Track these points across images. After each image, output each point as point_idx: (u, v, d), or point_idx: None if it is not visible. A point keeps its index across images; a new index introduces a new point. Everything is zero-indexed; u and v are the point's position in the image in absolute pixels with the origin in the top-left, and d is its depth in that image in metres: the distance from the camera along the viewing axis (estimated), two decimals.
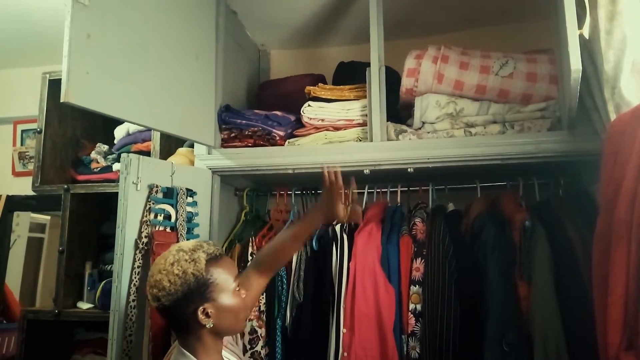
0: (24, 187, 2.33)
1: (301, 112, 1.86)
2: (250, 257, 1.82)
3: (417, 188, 1.92)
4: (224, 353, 1.23)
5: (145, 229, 1.50)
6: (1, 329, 2.55)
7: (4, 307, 2.64)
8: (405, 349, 1.61)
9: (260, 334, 1.74)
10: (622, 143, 1.11)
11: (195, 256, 1.10)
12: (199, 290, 1.08)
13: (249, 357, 1.66)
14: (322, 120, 1.84)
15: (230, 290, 1.13)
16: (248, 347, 1.71)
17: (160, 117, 1.54)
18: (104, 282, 2.00)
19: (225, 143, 1.88)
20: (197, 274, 1.08)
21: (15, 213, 2.80)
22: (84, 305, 2.03)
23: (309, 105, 1.85)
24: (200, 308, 1.08)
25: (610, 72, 1.28)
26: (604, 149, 1.22)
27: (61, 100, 1.21)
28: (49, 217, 3.00)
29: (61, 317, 1.97)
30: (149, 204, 1.53)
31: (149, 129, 2.06)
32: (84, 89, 1.25)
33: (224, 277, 1.13)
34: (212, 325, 1.10)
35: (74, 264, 2.08)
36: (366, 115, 1.77)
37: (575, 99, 1.36)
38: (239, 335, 1.44)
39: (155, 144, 2.02)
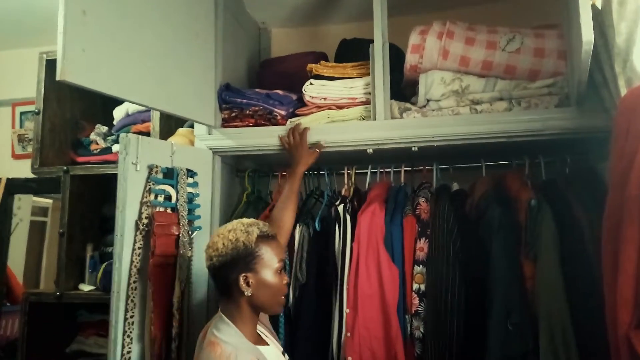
0: (24, 169, 2.31)
1: (303, 90, 1.82)
2: None
3: (421, 168, 1.89)
4: (259, 328, 1.32)
5: (146, 210, 1.48)
6: (5, 312, 2.56)
7: (7, 289, 2.65)
8: (409, 328, 1.60)
9: None
10: (634, 117, 1.07)
11: (250, 229, 1.24)
12: (245, 259, 1.22)
13: None
14: (325, 98, 1.80)
15: (273, 268, 1.25)
16: None
17: (159, 96, 1.51)
18: (105, 264, 1.99)
19: (226, 123, 1.85)
20: (247, 244, 1.22)
21: (17, 197, 2.79)
22: (85, 288, 2.02)
23: (310, 84, 1.81)
24: (243, 275, 1.21)
25: (622, 45, 1.24)
26: (615, 124, 1.19)
27: (57, 79, 1.19)
28: (51, 201, 3.00)
29: (63, 299, 1.97)
30: (149, 185, 1.51)
31: (148, 109, 2.03)
32: (80, 67, 1.22)
33: (269, 255, 1.25)
34: (250, 295, 1.22)
35: (75, 247, 2.07)
36: (369, 93, 1.73)
37: (586, 73, 1.32)
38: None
39: (154, 124, 1.99)
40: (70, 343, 2.19)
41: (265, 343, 1.29)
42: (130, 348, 1.42)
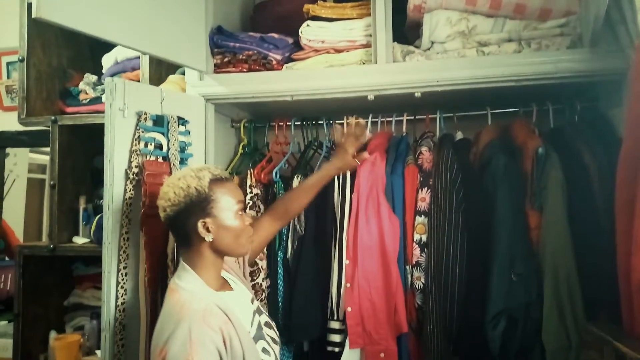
0: (14, 122, 2.23)
1: (299, 32, 1.71)
2: (248, 189, 1.75)
3: (424, 117, 1.81)
4: (225, 274, 1.29)
5: (135, 158, 1.42)
6: (3, 266, 2.55)
7: (6, 244, 2.63)
8: (409, 279, 1.57)
9: (262, 266, 1.69)
10: None
11: (200, 174, 1.18)
12: (200, 205, 1.16)
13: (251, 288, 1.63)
14: (323, 41, 1.70)
15: (231, 211, 1.19)
16: (249, 279, 1.68)
17: (145, 38, 1.41)
18: (98, 216, 1.94)
19: (218, 69, 1.76)
20: (199, 189, 1.16)
21: (12, 153, 2.73)
22: (79, 240, 1.98)
23: (307, 26, 1.70)
24: (201, 221, 1.16)
25: None
26: (635, 64, 1.11)
27: (33, 16, 1.11)
28: (48, 157, 2.95)
29: (57, 252, 1.93)
30: (138, 132, 1.44)
31: (137, 56, 1.93)
32: (57, 3, 1.13)
33: (225, 198, 1.19)
34: (211, 240, 1.17)
35: (67, 199, 2.02)
36: (370, 35, 1.63)
37: (604, 6, 1.23)
38: (246, 268, 1.45)
39: (144, 71, 1.89)
40: (68, 296, 2.18)
41: (229, 288, 1.26)
42: (124, 299, 1.39)
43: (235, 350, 1.07)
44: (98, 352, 1.96)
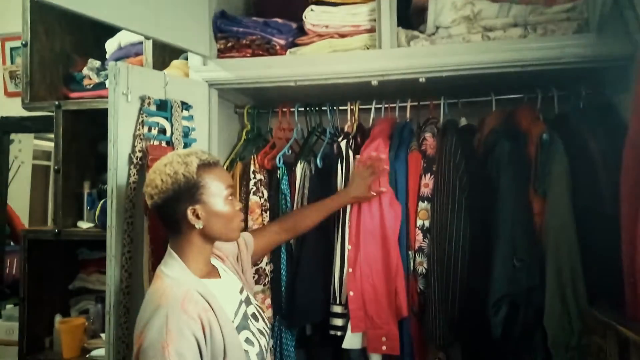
0: (18, 107, 2.23)
1: (303, 17, 1.70)
2: (252, 175, 1.75)
3: (428, 103, 1.80)
4: (214, 261, 1.26)
5: (139, 143, 1.42)
6: (9, 251, 2.57)
7: (11, 229, 2.65)
8: (412, 264, 1.58)
9: None
10: None
11: (187, 160, 1.13)
12: (189, 191, 1.12)
13: (253, 273, 1.63)
14: (327, 26, 1.69)
15: (221, 196, 1.16)
16: (251, 272, 1.68)
17: (149, 22, 1.41)
18: (102, 200, 1.95)
19: (222, 54, 1.75)
20: (187, 175, 1.11)
21: (17, 139, 2.74)
22: (84, 225, 2.00)
23: (311, 10, 1.70)
24: (191, 208, 1.12)
25: None
26: None
27: None
28: (52, 144, 2.96)
29: (61, 236, 1.95)
30: (142, 117, 1.44)
31: (138, 34, 1.89)
32: None
33: (214, 183, 1.15)
34: (201, 227, 1.14)
35: (72, 184, 2.03)
36: (375, 20, 1.62)
37: None
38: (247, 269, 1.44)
39: (147, 56, 1.88)
40: (73, 280, 2.20)
41: (216, 276, 1.22)
42: (128, 282, 1.40)
43: (215, 338, 1.04)
44: (103, 335, 1.98)
